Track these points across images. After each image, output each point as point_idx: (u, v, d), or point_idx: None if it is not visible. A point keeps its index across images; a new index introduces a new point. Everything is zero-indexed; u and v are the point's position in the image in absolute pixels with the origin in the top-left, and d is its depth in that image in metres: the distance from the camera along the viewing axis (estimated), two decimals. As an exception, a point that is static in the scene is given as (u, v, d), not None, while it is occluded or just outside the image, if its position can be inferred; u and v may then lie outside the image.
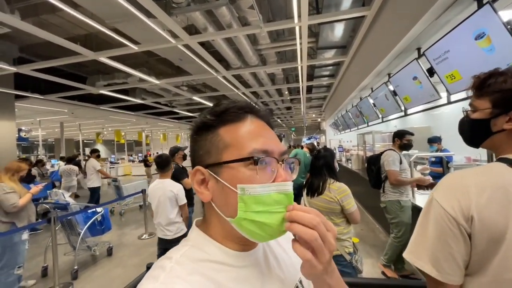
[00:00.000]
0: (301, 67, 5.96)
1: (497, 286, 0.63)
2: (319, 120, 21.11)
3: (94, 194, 6.04)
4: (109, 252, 3.81)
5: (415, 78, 3.15)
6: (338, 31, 4.63)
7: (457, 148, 3.92)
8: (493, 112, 0.72)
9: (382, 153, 2.78)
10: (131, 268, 3.04)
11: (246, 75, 6.72)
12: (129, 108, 10.08)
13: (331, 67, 7.09)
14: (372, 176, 2.87)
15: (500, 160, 0.70)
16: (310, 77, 7.68)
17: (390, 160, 2.57)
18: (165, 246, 2.47)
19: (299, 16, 3.46)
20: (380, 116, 5.25)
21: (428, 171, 4.37)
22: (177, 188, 2.47)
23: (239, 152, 0.42)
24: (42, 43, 4.51)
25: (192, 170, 0.47)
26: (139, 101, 8.32)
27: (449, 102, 2.78)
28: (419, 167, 4.50)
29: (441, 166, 4.41)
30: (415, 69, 3.07)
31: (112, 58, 4.74)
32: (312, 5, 4.18)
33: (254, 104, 0.49)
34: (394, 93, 4.05)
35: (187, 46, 4.44)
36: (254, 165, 0.41)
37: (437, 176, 4.37)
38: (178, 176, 3.26)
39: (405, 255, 0.72)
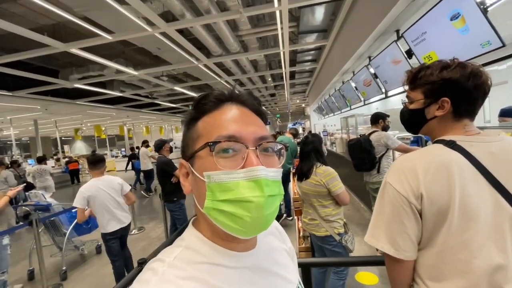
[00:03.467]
0: (283, 52, 5.89)
1: (444, 255, 0.71)
2: (303, 105, 21.26)
3: (149, 175, 7.25)
4: (98, 250, 3.75)
5: (395, 60, 3.21)
6: (319, 14, 4.58)
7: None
8: (425, 102, 0.82)
9: (360, 138, 2.80)
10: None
11: (228, 63, 6.59)
12: (108, 102, 9.67)
13: (313, 52, 7.07)
14: (366, 160, 2.81)
15: (437, 142, 0.79)
16: (293, 62, 7.64)
17: (391, 138, 2.67)
18: (122, 233, 2.70)
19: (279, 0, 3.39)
20: (362, 99, 5.35)
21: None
22: (121, 180, 2.72)
23: (206, 141, 0.41)
24: (4, 35, 4.16)
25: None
26: (117, 93, 7.99)
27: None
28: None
29: (420, 145, 4.60)
30: (395, 51, 3.11)
31: (84, 49, 4.47)
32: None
33: (232, 90, 0.47)
34: (375, 76, 4.12)
35: (164, 34, 4.26)
36: (218, 152, 0.39)
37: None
38: (166, 169, 3.21)
39: (366, 239, 0.81)
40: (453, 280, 0.70)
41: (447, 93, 0.78)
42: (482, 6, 1.75)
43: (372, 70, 4.13)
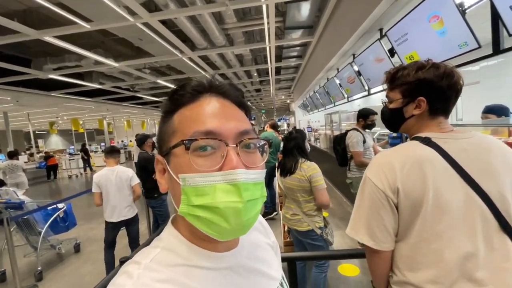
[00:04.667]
0: (269, 47, 5.88)
1: (420, 246, 0.75)
2: (288, 101, 21.42)
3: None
4: (77, 248, 3.61)
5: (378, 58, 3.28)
6: (305, 10, 4.60)
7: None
8: (403, 101, 0.86)
9: (346, 133, 2.88)
10: (102, 263, 2.92)
11: (213, 56, 6.48)
12: (86, 94, 9.23)
13: (298, 48, 7.10)
14: (338, 155, 2.99)
15: (414, 138, 0.84)
16: (279, 58, 7.65)
17: (355, 142, 2.67)
18: (126, 227, 2.80)
19: (266, -7, 3.36)
20: (346, 96, 5.46)
21: (387, 146, 4.73)
22: (131, 171, 2.78)
23: (182, 137, 0.37)
24: (-32, 19, 3.84)
25: None
26: (96, 86, 7.65)
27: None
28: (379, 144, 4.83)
29: (401, 141, 4.78)
30: (378, 49, 3.18)
31: (60, 37, 4.22)
32: (278, -17, 4.06)
33: (212, 80, 0.43)
34: (359, 73, 4.21)
35: (147, 25, 4.10)
36: (195, 151, 0.36)
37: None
38: (147, 165, 3.12)
39: (347, 231, 0.85)
40: (427, 269, 0.73)
41: (423, 93, 0.82)
42: (460, 8, 1.82)
43: (356, 68, 4.22)
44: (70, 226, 3.44)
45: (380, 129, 4.32)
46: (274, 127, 4.67)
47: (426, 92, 0.81)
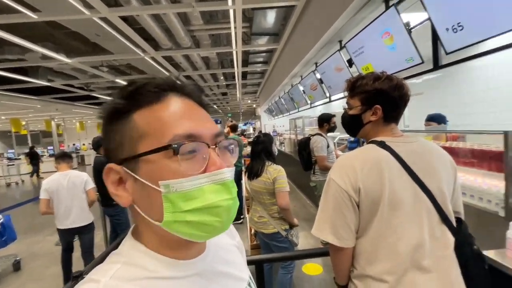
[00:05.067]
0: (236, 52, 5.91)
1: (377, 240, 0.82)
2: (254, 106, 21.69)
3: None
4: (16, 266, 3.18)
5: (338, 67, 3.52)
6: (271, 18, 4.73)
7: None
8: (362, 108, 0.94)
9: (310, 137, 3.01)
10: (48, 280, 2.61)
11: (178, 58, 6.31)
12: (31, 92, 8.26)
13: (264, 54, 7.26)
14: (303, 160, 3.09)
15: (370, 142, 0.92)
16: (245, 62, 7.72)
17: (319, 147, 2.80)
18: (78, 234, 2.62)
19: (233, -1, 3.38)
20: (309, 102, 5.73)
21: (346, 150, 5.06)
22: (85, 175, 2.65)
23: (157, 141, 0.35)
24: None
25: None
26: (44, 83, 6.89)
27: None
28: (337, 149, 5.15)
29: (358, 145, 5.15)
30: (338, 60, 3.42)
31: (-1, 27, 3.74)
32: (245, -11, 4.13)
33: (176, 80, 0.41)
34: (321, 81, 4.45)
35: (105, 20, 3.84)
36: (177, 155, 0.34)
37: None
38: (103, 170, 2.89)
39: (313, 231, 0.90)
40: (384, 262, 0.81)
41: (379, 101, 0.91)
42: (407, 27, 2.05)
43: (318, 76, 4.46)
44: (8, 241, 3.01)
45: (340, 134, 4.60)
46: (234, 129, 4.63)
47: (381, 101, 0.90)
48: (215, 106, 19.16)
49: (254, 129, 18.59)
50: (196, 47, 5.67)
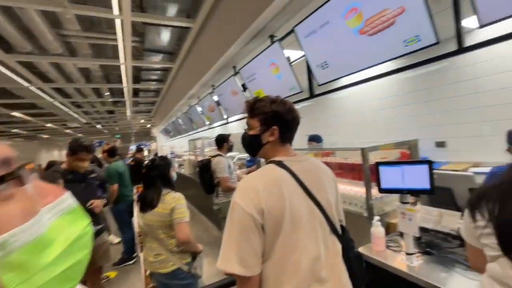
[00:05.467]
0: (125, 66, 5.32)
1: (282, 260, 0.83)
2: (149, 125, 19.93)
3: None
4: None
5: (233, 91, 3.70)
6: (165, 36, 4.56)
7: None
8: (261, 129, 0.98)
9: (210, 159, 2.96)
10: None
11: (44, 66, 5.07)
12: None
13: (159, 72, 6.88)
14: (206, 183, 2.96)
15: (269, 162, 0.97)
16: (137, 79, 7.05)
17: (222, 167, 2.77)
18: None
19: (120, 8, 3.06)
20: (208, 123, 5.75)
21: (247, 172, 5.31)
22: None
23: None
24: None
25: None
26: None
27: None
28: (239, 171, 5.34)
29: (255, 164, 5.50)
30: (233, 84, 3.61)
31: None
32: (135, 2, 3.84)
33: None
34: (218, 103, 4.57)
35: None
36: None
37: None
38: None
39: (218, 265, 0.82)
40: (290, 280, 0.82)
41: (276, 123, 0.97)
42: (289, 61, 2.40)
43: (215, 98, 4.56)
44: None
45: (239, 153, 4.80)
46: (112, 153, 3.89)
47: (278, 122, 0.97)
48: (98, 126, 16.40)
49: (149, 151, 16.96)
50: (71, 56, 4.73)
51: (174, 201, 1.65)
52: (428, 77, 3.57)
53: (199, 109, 5.66)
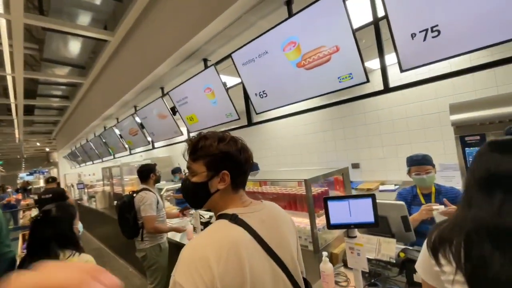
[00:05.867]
0: (13, 77, 4.22)
1: None
2: (48, 149, 16.37)
3: None
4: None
5: (160, 114, 3.33)
6: (74, 47, 3.86)
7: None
8: (208, 175, 0.79)
9: (133, 195, 2.45)
10: None
11: None
12: None
13: (64, 87, 5.77)
14: (128, 225, 2.38)
15: (221, 216, 0.78)
16: (32, 93, 5.71)
17: (148, 204, 2.29)
18: None
19: (7, 6, 2.40)
20: (128, 147, 5.02)
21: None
22: None
23: None
24: None
25: None
26: None
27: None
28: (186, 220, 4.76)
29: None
30: (161, 106, 3.24)
31: None
32: (32, 2, 3.12)
33: None
34: (142, 126, 4.04)
35: None
36: None
37: (181, 202, 4.89)
38: None
39: None
40: None
41: (226, 166, 0.79)
42: (225, 87, 2.28)
43: (138, 120, 4.03)
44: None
45: (166, 184, 4.30)
46: None
47: (229, 165, 0.79)
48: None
49: (48, 180, 13.76)
50: None
51: None
52: (341, 107, 4.07)
53: (117, 132, 4.90)
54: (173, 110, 3.13)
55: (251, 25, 2.04)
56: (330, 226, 1.31)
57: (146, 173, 2.49)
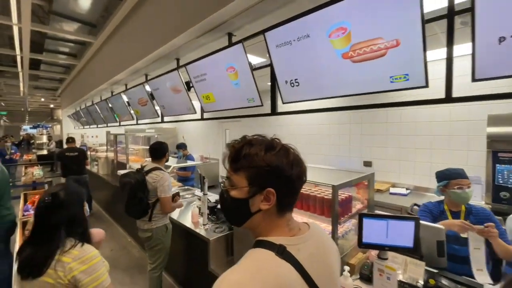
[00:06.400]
0: (19, 28, 3.96)
1: None
2: (52, 106, 16.22)
3: None
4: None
5: (175, 89, 3.12)
6: (85, 3, 3.56)
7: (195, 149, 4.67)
8: (250, 190, 0.65)
9: (142, 173, 2.30)
10: None
11: None
12: None
13: (73, 45, 5.48)
14: (140, 205, 2.21)
15: (264, 245, 0.63)
16: (39, 47, 5.45)
17: (166, 185, 2.21)
18: None
19: None
20: (135, 117, 4.85)
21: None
22: None
23: None
24: None
25: None
26: None
27: (202, 119, 3.04)
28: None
29: (189, 170, 4.96)
30: (176, 79, 3.02)
31: None
32: None
33: None
34: (152, 97, 3.84)
35: None
36: None
37: (183, 180, 4.82)
38: None
39: None
40: None
41: (273, 182, 0.64)
42: (251, 69, 2.06)
43: (149, 89, 3.82)
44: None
45: (173, 160, 4.19)
46: None
47: (276, 182, 0.64)
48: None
49: (50, 137, 13.79)
50: None
51: (76, 266, 1.02)
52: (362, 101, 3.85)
53: (125, 99, 4.69)
54: (188, 85, 2.92)
55: (290, 1, 1.79)
56: (361, 244, 1.19)
57: (161, 152, 2.38)
